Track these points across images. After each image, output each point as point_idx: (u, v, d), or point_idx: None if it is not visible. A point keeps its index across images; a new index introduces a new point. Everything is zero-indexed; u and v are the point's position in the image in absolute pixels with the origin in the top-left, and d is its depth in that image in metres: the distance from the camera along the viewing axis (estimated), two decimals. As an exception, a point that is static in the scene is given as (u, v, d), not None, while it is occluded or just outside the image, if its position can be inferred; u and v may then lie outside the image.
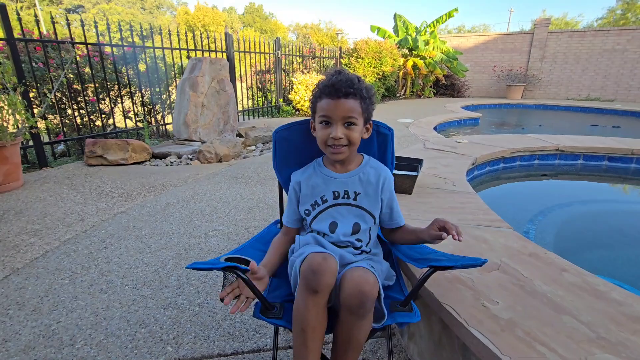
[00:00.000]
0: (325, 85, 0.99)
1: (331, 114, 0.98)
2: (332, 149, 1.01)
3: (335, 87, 0.97)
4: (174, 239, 2.18)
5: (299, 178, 1.12)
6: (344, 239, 1.04)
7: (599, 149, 3.55)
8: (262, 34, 37.83)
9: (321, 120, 1.01)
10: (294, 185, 1.12)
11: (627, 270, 2.01)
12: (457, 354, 1.05)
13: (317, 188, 1.08)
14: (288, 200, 1.15)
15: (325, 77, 1.04)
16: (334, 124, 0.99)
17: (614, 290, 1.08)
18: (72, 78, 4.23)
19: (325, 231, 1.06)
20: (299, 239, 1.08)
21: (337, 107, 0.97)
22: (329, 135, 0.99)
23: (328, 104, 0.98)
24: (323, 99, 1.00)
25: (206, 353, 1.29)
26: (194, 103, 4.53)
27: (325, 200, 1.07)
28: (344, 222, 1.06)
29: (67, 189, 3.02)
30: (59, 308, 1.54)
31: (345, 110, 0.98)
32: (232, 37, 6.30)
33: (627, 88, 11.80)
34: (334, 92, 0.97)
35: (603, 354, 0.82)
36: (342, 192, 1.07)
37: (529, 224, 2.41)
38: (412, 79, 12.36)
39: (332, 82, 0.98)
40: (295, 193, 1.12)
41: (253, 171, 3.64)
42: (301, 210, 1.11)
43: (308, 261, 0.85)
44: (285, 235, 1.14)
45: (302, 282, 0.85)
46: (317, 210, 1.07)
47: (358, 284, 0.82)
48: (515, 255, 1.31)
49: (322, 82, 1.03)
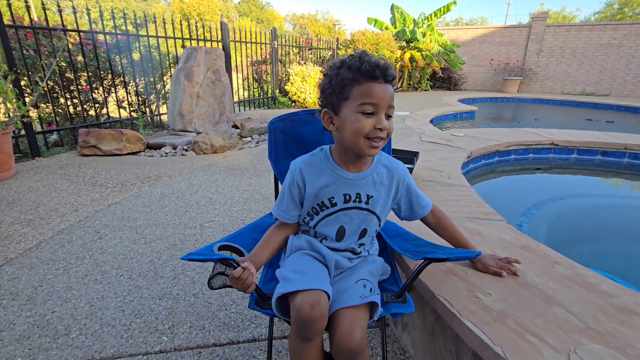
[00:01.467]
0: (372, 67, 0.81)
1: (379, 100, 0.82)
2: (372, 142, 0.85)
3: (381, 69, 0.82)
4: (169, 230, 2.17)
5: (304, 173, 0.96)
6: (348, 246, 1.00)
7: (592, 144, 3.58)
8: (259, 23, 37.32)
9: (363, 109, 0.83)
10: (297, 180, 0.97)
11: (617, 262, 2.05)
12: (449, 344, 1.07)
13: (325, 189, 0.95)
14: (286, 193, 0.98)
15: (346, 57, 0.86)
16: (380, 112, 0.83)
17: (604, 282, 1.10)
18: (64, 66, 4.15)
19: (331, 236, 0.98)
20: (292, 241, 1.01)
21: (386, 93, 0.83)
22: (375, 125, 0.83)
23: (375, 88, 0.82)
24: (363, 82, 0.82)
25: (202, 343, 1.30)
26: (189, 93, 4.48)
27: (334, 203, 0.95)
28: (352, 227, 0.98)
29: (61, 179, 2.99)
30: (53, 298, 1.53)
31: (390, 98, 0.84)
32: (228, 26, 6.21)
33: (622, 83, 11.86)
34: (381, 74, 0.82)
35: (592, 344, 0.84)
36: (353, 195, 0.95)
37: (522, 217, 2.44)
38: (409, 72, 12.31)
39: (375, 64, 0.81)
40: (299, 189, 0.97)
41: (249, 162, 3.63)
42: (304, 210, 1.00)
43: (297, 309, 0.78)
44: (281, 229, 1.02)
45: (294, 329, 0.82)
46: (325, 213, 0.97)
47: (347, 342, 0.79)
48: (508, 247, 1.32)
49: (356, 63, 0.83)
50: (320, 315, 0.79)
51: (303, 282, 0.83)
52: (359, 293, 0.87)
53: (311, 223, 1.00)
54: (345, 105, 0.85)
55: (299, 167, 0.97)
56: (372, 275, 0.97)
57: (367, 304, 0.86)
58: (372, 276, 0.98)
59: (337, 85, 0.85)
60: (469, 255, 0.86)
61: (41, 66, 3.78)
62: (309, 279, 0.85)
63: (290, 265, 0.94)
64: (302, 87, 7.45)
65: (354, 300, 0.85)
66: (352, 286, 0.90)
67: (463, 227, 1.49)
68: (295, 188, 0.97)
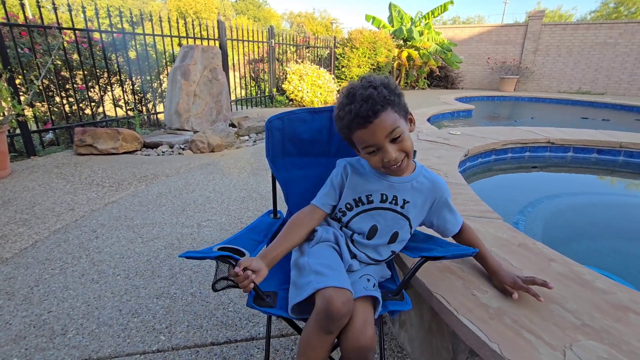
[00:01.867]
0: (351, 121, 0.89)
1: (373, 141, 0.89)
2: (389, 169, 0.94)
3: (360, 115, 0.87)
4: (166, 229, 2.17)
5: (349, 168, 1.04)
6: (376, 245, 1.01)
7: (588, 142, 3.59)
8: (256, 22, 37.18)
9: (368, 150, 0.92)
10: (342, 172, 1.04)
11: (612, 260, 2.07)
12: (446, 341, 1.07)
13: (364, 185, 1.00)
14: (329, 182, 1.06)
15: (339, 106, 0.94)
16: (383, 147, 0.90)
17: (599, 279, 1.11)
18: (59, 65, 4.12)
19: (363, 231, 1.00)
20: (322, 232, 1.02)
21: (375, 131, 0.87)
22: (383, 160, 0.91)
23: (364, 134, 0.89)
24: (354, 132, 0.91)
25: (199, 342, 1.30)
26: (185, 92, 4.46)
27: (371, 200, 1.00)
28: (384, 228, 1.00)
29: (57, 178, 2.98)
30: (49, 298, 1.53)
31: (385, 128, 0.87)
32: (225, 24, 6.18)
33: (618, 81, 11.93)
34: (362, 121, 0.87)
35: (587, 341, 0.84)
36: (390, 197, 0.99)
37: (519, 215, 2.45)
38: (407, 70, 12.32)
39: (355, 113, 0.88)
40: (342, 180, 1.03)
41: (246, 161, 3.62)
42: (341, 202, 1.03)
43: (328, 301, 0.78)
44: (311, 216, 1.03)
45: (317, 320, 0.81)
46: (360, 209, 1.00)
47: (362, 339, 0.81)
48: (505, 245, 1.33)
49: (343, 114, 0.92)
50: (348, 312, 0.81)
51: (337, 279, 0.85)
52: (363, 285, 0.91)
53: (344, 218, 1.03)
54: (357, 148, 0.97)
55: (347, 162, 1.06)
56: (375, 274, 1.01)
57: (370, 301, 0.89)
58: (375, 274, 1.02)
59: (343, 135, 0.98)
60: (466, 253, 0.87)
61: (36, 64, 3.75)
62: (341, 277, 0.87)
63: (319, 257, 0.94)
64: (300, 86, 7.44)
65: (358, 292, 0.88)
66: (357, 281, 0.95)
67: (460, 225, 1.49)
68: (339, 178, 1.04)
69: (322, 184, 1.23)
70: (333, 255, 0.97)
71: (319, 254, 0.96)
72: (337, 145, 1.27)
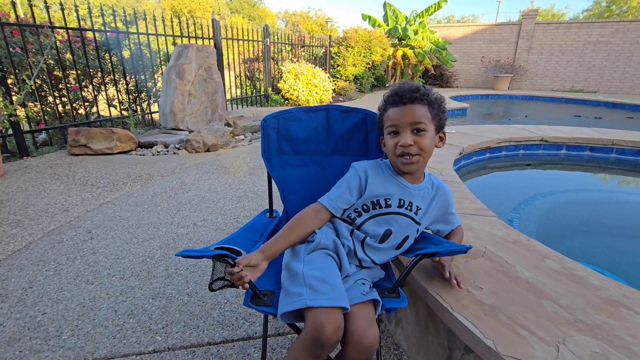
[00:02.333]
0: (389, 95, 0.98)
1: (398, 121, 0.95)
2: (403, 158, 0.95)
3: (398, 94, 0.95)
4: (161, 229, 2.16)
5: (368, 171, 1.03)
6: (386, 249, 1.02)
7: (581, 140, 3.63)
8: (250, 21, 37.03)
9: (389, 130, 0.97)
10: (361, 175, 1.02)
11: (604, 256, 2.09)
12: (442, 338, 1.08)
13: (382, 189, 1.01)
14: (343, 184, 1.03)
15: (390, 90, 1.02)
16: (402, 131, 0.94)
17: (592, 275, 1.13)
18: (52, 64, 4.08)
19: (378, 235, 1.00)
20: (320, 237, 0.99)
21: (404, 113, 0.94)
22: (398, 143, 0.94)
23: (394, 112, 0.96)
24: (388, 109, 0.98)
25: (196, 342, 1.30)
26: (180, 91, 4.44)
27: (389, 204, 1.00)
28: (397, 232, 1.02)
29: (50, 179, 2.95)
30: (44, 299, 1.51)
31: (413, 116, 0.93)
32: (220, 23, 6.15)
33: (610, 80, 12.06)
34: (399, 99, 0.95)
35: (580, 336, 0.85)
36: (406, 203, 1.01)
37: (513, 213, 2.48)
38: (402, 69, 12.34)
39: (395, 91, 0.96)
40: (359, 182, 1.02)
41: (242, 161, 3.61)
42: (355, 206, 1.02)
43: (317, 328, 0.76)
44: (317, 215, 1.01)
45: (306, 343, 0.79)
46: (377, 212, 1.00)
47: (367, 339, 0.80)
48: (499, 242, 1.34)
49: (388, 94, 1.01)
50: (338, 340, 0.79)
51: (331, 297, 0.81)
52: (360, 291, 0.90)
53: (358, 220, 1.02)
54: (383, 130, 1.02)
55: (364, 166, 1.05)
56: (368, 277, 1.02)
57: (370, 302, 0.88)
58: (369, 277, 1.02)
59: (379, 115, 1.05)
60: (460, 249, 0.87)
61: (28, 64, 3.71)
62: (336, 293, 0.83)
63: (315, 268, 0.90)
64: (295, 85, 7.43)
65: (357, 298, 0.87)
66: (352, 286, 0.94)
67: (455, 223, 1.50)
68: (356, 181, 1.02)
69: (318, 182, 1.24)
70: (330, 265, 0.94)
71: (316, 264, 0.92)
72: (334, 144, 1.27)
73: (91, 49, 4.43)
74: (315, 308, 0.79)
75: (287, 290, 0.88)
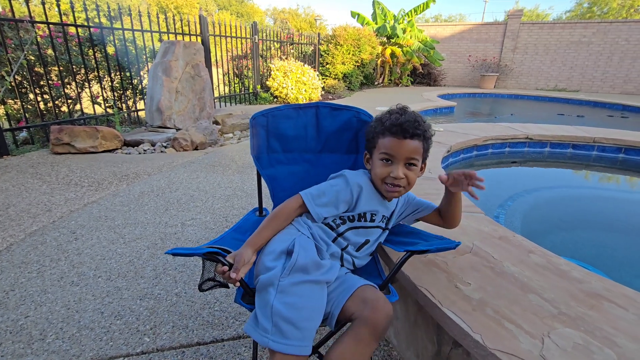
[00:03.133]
0: (393, 124, 0.97)
1: (395, 153, 0.97)
2: (388, 186, 0.99)
3: (402, 127, 0.96)
4: (149, 228, 2.12)
5: (362, 184, 1.03)
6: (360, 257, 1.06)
7: (564, 137, 3.72)
8: (238, 17, 36.61)
9: (382, 157, 0.99)
10: (353, 187, 1.01)
11: (586, 250, 2.16)
12: (431, 333, 1.10)
13: (373, 205, 1.04)
14: (333, 193, 1.01)
15: (389, 113, 1.02)
16: (396, 163, 0.97)
17: (575, 269, 1.16)
18: (33, 60, 3.96)
19: (357, 244, 1.03)
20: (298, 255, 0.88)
21: (402, 147, 0.96)
22: (389, 173, 0.97)
23: (393, 142, 0.97)
24: (387, 136, 0.98)
25: (185, 342, 1.28)
26: (167, 88, 4.36)
27: (373, 219, 1.05)
28: (373, 243, 1.07)
29: (32, 179, 2.86)
30: (26, 302, 1.47)
31: (410, 151, 0.96)
32: (207, 20, 6.07)
33: (591, 79, 12.39)
34: (401, 131, 0.96)
35: (564, 328, 0.88)
36: (385, 218, 1.08)
37: (499, 209, 2.52)
38: (390, 67, 12.42)
39: (400, 122, 0.96)
40: (351, 196, 1.01)
41: (230, 159, 3.58)
42: (339, 214, 1.03)
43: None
44: (297, 213, 1.03)
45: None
46: (361, 224, 1.04)
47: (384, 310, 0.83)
48: (486, 238, 1.37)
49: (386, 118, 1.01)
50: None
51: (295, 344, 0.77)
52: (359, 277, 0.96)
53: (341, 228, 1.03)
54: (374, 152, 1.03)
55: (359, 182, 1.03)
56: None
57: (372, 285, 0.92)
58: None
59: (371, 134, 1.05)
60: (449, 246, 0.89)
61: (7, 60, 3.59)
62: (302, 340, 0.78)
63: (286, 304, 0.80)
64: (284, 83, 7.39)
65: (359, 281, 0.91)
66: (348, 277, 0.95)
67: (443, 219, 1.52)
68: (348, 194, 1.01)
69: (307, 180, 1.24)
70: (306, 299, 0.83)
71: (289, 297, 0.81)
72: (324, 142, 1.27)
73: (74, 44, 4.32)
74: (277, 352, 0.76)
75: (257, 315, 0.83)
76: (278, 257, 0.91)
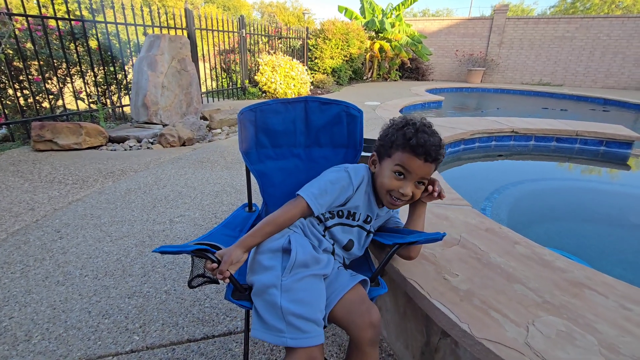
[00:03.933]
0: (419, 145, 0.92)
1: (411, 171, 0.95)
2: (393, 199, 0.99)
3: (426, 148, 0.93)
4: (136, 226, 2.09)
5: (362, 180, 1.03)
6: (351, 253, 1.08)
7: (548, 131, 3.81)
8: (225, 11, 36.02)
9: (396, 170, 0.96)
10: (355, 182, 1.02)
11: (569, 240, 2.22)
12: (420, 324, 1.12)
13: (368, 207, 1.05)
14: (336, 189, 1.00)
15: (414, 127, 0.96)
16: (408, 180, 0.96)
17: (559, 259, 1.19)
18: (11, 54, 3.82)
19: (342, 243, 1.05)
20: (297, 252, 0.91)
21: (420, 167, 0.95)
22: (399, 188, 0.96)
23: (412, 161, 0.94)
24: (408, 152, 0.94)
25: (175, 339, 1.28)
26: (153, 83, 4.28)
27: (358, 219, 1.06)
28: (358, 243, 1.08)
29: (13, 177, 2.78)
30: (10, 303, 1.44)
31: (425, 172, 0.96)
32: (193, 13, 5.95)
33: (574, 74, 12.65)
34: (423, 153, 0.93)
35: (548, 316, 0.91)
36: (371, 218, 1.08)
37: (486, 202, 2.57)
38: (379, 62, 12.43)
39: (426, 144, 0.92)
40: (353, 191, 1.02)
41: (219, 155, 3.55)
42: (331, 207, 1.02)
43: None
44: (298, 211, 0.98)
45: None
46: (349, 222, 1.05)
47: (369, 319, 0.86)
48: (473, 230, 1.39)
49: (411, 133, 0.94)
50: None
51: (314, 336, 0.80)
52: (347, 275, 0.97)
53: (329, 222, 1.04)
54: (387, 160, 1.00)
55: (360, 181, 1.03)
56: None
57: (359, 284, 0.94)
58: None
59: (389, 141, 0.99)
60: (436, 237, 0.90)
61: (-16, 54, 3.46)
62: (318, 329, 0.82)
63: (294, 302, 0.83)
64: (272, 77, 7.33)
65: (347, 283, 0.93)
66: (338, 276, 0.97)
67: (431, 212, 1.55)
68: (350, 192, 1.02)
69: (297, 174, 1.23)
70: (311, 292, 0.87)
71: (296, 294, 0.84)
72: (313, 137, 1.27)
73: (54, 38, 4.18)
74: (297, 348, 0.79)
75: (262, 318, 0.83)
76: (274, 255, 0.93)
